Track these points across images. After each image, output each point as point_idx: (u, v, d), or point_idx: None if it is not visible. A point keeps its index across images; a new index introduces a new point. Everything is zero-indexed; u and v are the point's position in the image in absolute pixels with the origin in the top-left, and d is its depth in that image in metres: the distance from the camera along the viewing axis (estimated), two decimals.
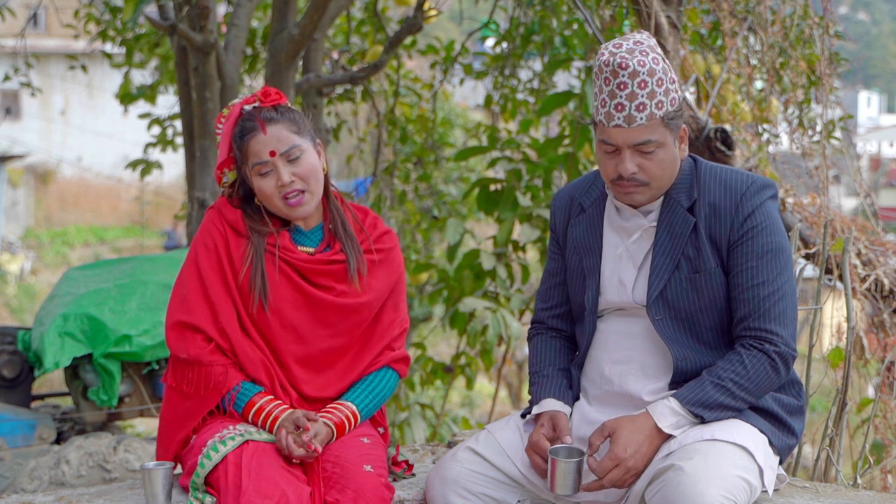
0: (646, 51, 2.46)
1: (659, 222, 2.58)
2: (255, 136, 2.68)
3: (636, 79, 2.45)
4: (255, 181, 2.70)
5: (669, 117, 2.49)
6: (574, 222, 2.72)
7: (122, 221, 25.72)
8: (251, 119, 2.70)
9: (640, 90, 2.46)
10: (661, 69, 2.47)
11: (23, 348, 4.76)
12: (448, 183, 10.17)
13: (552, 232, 2.82)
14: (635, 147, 2.49)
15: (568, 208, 2.75)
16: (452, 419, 8.77)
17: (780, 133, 5.01)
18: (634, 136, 2.48)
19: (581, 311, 2.70)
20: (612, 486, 2.44)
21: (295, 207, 2.70)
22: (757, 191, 2.54)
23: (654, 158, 2.50)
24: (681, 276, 2.55)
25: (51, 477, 4.02)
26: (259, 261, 2.70)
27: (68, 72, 9.25)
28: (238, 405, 2.67)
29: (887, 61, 48.60)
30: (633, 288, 2.59)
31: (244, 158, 2.71)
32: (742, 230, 2.52)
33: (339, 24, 7.88)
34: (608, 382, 2.62)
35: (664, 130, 2.49)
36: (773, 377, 2.50)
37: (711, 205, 2.55)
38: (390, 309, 2.84)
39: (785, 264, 2.53)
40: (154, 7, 6.25)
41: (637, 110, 2.46)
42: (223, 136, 2.75)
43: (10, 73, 8.21)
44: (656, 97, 2.47)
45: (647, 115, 2.46)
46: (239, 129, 2.72)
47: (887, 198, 24.00)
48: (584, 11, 4.33)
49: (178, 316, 2.70)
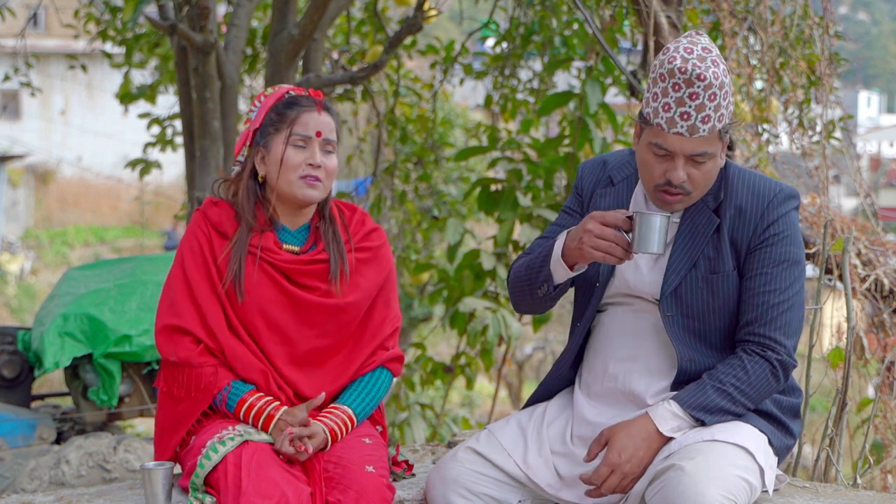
0: (717, 60, 2.42)
1: (683, 218, 2.57)
2: (308, 111, 2.72)
3: (709, 91, 2.41)
4: (287, 151, 2.70)
5: (725, 130, 2.48)
6: (601, 192, 2.70)
7: (122, 221, 25.72)
8: (308, 99, 2.75)
9: (710, 102, 2.42)
10: (728, 81, 2.44)
11: (23, 348, 4.75)
12: (448, 183, 10.17)
13: (576, 191, 2.77)
14: (690, 157, 2.46)
15: (598, 175, 2.72)
16: (452, 419, 8.77)
17: (780, 133, 5.01)
18: (693, 147, 2.45)
19: (588, 283, 2.66)
20: (612, 492, 2.43)
21: (309, 187, 2.71)
22: (783, 200, 2.55)
23: (703, 169, 2.48)
24: (697, 274, 2.55)
25: (51, 477, 4.02)
26: (240, 248, 2.70)
27: (68, 72, 9.26)
28: (230, 405, 2.67)
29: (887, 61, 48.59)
30: (647, 275, 2.58)
31: (284, 125, 2.71)
32: (764, 236, 2.53)
33: (339, 24, 7.87)
34: (612, 379, 2.62)
35: (718, 143, 2.48)
36: (774, 384, 2.51)
37: (737, 207, 2.54)
38: (381, 306, 2.84)
39: (798, 276, 2.54)
40: (154, 7, 6.24)
41: (702, 122, 2.43)
42: (261, 108, 2.76)
43: (10, 73, 8.21)
44: (721, 110, 2.44)
45: (710, 127, 2.44)
46: (288, 101, 2.74)
47: (887, 198, 24.01)
48: (584, 11, 4.33)
49: (167, 319, 2.71)
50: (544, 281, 2.60)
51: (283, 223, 2.79)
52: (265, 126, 2.74)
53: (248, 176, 2.75)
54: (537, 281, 2.61)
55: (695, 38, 2.47)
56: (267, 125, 2.74)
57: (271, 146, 2.72)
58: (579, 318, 2.70)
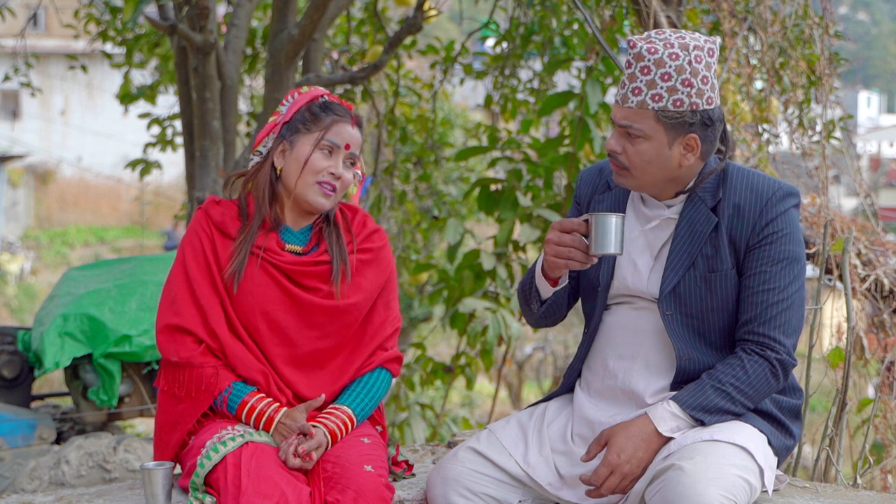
0: (672, 43, 2.44)
1: (681, 216, 2.57)
2: (344, 122, 2.74)
3: (640, 62, 2.45)
4: (313, 154, 2.70)
5: (668, 116, 2.46)
6: (599, 198, 2.72)
7: (122, 221, 25.72)
8: (344, 109, 2.77)
9: (642, 75, 2.46)
10: (674, 67, 2.44)
11: (23, 348, 4.76)
12: (448, 183, 10.17)
13: (576, 200, 2.80)
14: (621, 127, 2.50)
15: (595, 182, 2.75)
16: (452, 419, 8.77)
17: (780, 133, 5.00)
18: (621, 116, 2.49)
19: (594, 286, 2.68)
20: (611, 492, 2.44)
21: (323, 196, 2.71)
22: (782, 197, 2.54)
23: (636, 147, 2.50)
24: (696, 273, 2.55)
25: (51, 477, 4.02)
26: (249, 240, 2.70)
27: (68, 72, 9.25)
28: (231, 406, 2.67)
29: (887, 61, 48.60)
30: (647, 276, 2.59)
31: (316, 127, 2.71)
32: (762, 234, 2.52)
33: (339, 24, 7.88)
34: (612, 377, 2.62)
35: (656, 126, 2.47)
36: (773, 383, 2.51)
37: (736, 206, 2.54)
38: (382, 308, 2.84)
39: (798, 274, 2.53)
40: (154, 7, 6.24)
41: (632, 93, 2.47)
42: (294, 103, 2.77)
43: (10, 73, 8.21)
44: (656, 88, 2.45)
45: (638, 101, 2.47)
46: (324, 104, 2.75)
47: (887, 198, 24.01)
48: (584, 11, 4.33)
49: (168, 319, 2.70)
50: (535, 297, 2.66)
51: (287, 223, 2.79)
52: (294, 122, 2.74)
53: (271, 167, 2.75)
54: (530, 297, 2.68)
55: (675, 30, 2.52)
56: (297, 122, 2.74)
57: (297, 144, 2.72)
58: (588, 324, 2.72)
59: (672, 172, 2.54)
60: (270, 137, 2.78)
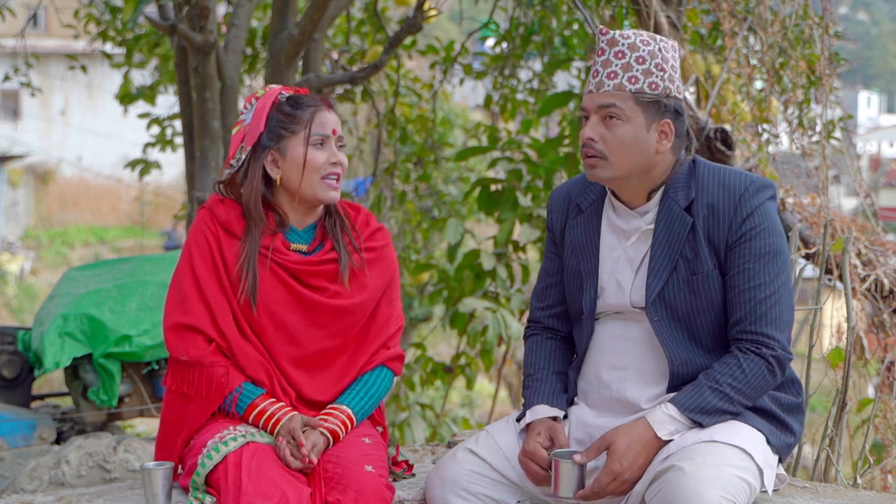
0: (641, 34, 2.50)
1: (657, 223, 2.56)
2: (321, 110, 2.72)
3: (614, 47, 2.49)
4: (309, 152, 2.69)
5: (644, 98, 2.49)
6: (572, 223, 2.70)
7: (122, 221, 25.71)
8: (313, 98, 2.75)
9: (616, 59, 2.49)
10: (647, 51, 2.48)
11: (23, 348, 4.76)
12: (448, 183, 10.18)
13: (549, 231, 2.80)
14: (600, 112, 2.50)
15: (566, 209, 2.73)
16: (452, 419, 8.76)
17: (780, 133, 5.00)
18: (600, 99, 2.50)
19: (578, 313, 2.68)
20: (610, 495, 2.44)
21: (332, 189, 2.72)
22: (756, 191, 2.52)
23: (616, 131, 2.50)
24: (679, 277, 2.53)
25: (51, 477, 4.02)
26: (252, 256, 2.69)
27: (68, 72, 9.25)
28: (240, 407, 2.66)
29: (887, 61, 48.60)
30: (630, 291, 2.58)
31: (299, 126, 2.69)
32: (740, 231, 2.50)
33: (339, 24, 7.87)
34: (606, 388, 2.62)
35: (634, 107, 2.49)
36: (770, 381, 2.50)
37: (710, 206, 2.53)
38: (385, 306, 2.83)
39: (782, 267, 2.52)
40: (154, 7, 6.24)
41: (608, 77, 2.50)
42: (259, 110, 2.72)
43: (10, 73, 8.21)
44: (631, 71, 2.48)
45: (616, 84, 2.49)
46: (293, 101, 2.73)
47: (887, 198, 24.01)
48: (584, 11, 4.33)
49: (177, 317, 2.69)
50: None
51: (292, 223, 2.78)
52: (272, 129, 2.71)
53: (260, 181, 2.72)
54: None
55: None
56: (276, 128, 2.71)
57: (288, 149, 2.70)
58: (579, 342, 2.71)
59: (649, 160, 2.53)
60: (241, 148, 2.73)
